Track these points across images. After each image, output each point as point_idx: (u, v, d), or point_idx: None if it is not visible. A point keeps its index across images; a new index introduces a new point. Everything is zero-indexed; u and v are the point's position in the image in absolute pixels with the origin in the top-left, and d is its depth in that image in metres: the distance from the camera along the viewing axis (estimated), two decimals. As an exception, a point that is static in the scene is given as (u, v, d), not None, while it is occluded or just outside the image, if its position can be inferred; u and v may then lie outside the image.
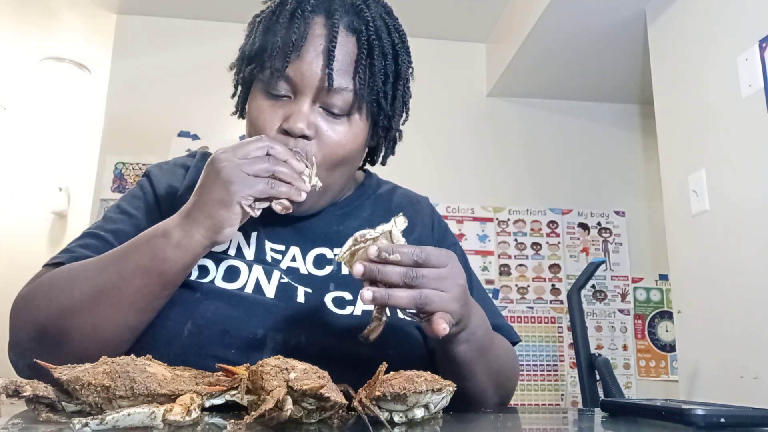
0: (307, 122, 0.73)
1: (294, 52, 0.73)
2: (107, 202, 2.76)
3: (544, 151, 3.11)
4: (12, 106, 3.93)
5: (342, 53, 0.74)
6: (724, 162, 1.80)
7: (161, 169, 0.86)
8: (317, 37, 0.74)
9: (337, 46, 0.73)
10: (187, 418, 0.44)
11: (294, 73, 0.73)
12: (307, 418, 0.48)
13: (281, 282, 0.75)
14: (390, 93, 0.79)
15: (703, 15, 1.96)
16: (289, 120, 0.73)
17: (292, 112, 0.73)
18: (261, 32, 0.77)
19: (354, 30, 0.75)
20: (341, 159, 0.76)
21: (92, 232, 0.78)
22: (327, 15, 0.75)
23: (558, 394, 2.83)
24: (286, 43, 0.73)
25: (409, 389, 0.48)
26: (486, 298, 0.89)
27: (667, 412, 0.55)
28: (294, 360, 0.52)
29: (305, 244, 0.81)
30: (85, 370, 0.48)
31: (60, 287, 0.68)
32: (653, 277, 3.01)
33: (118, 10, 2.98)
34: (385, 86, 0.78)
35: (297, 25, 0.74)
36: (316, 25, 0.74)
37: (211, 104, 2.82)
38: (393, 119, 0.82)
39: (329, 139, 0.75)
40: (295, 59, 0.73)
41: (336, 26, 0.74)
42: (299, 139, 0.73)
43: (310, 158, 0.73)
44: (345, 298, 0.77)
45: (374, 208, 0.88)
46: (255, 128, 0.76)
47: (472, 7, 2.91)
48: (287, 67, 0.73)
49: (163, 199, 0.81)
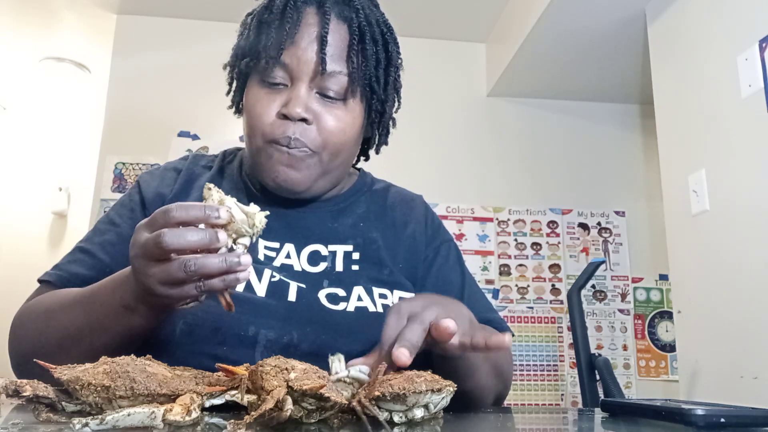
0: (305, 106, 0.75)
1: (288, 39, 0.75)
2: (107, 202, 2.76)
3: (544, 151, 3.11)
4: (12, 106, 3.93)
5: (334, 39, 0.77)
6: (724, 162, 1.80)
7: (152, 175, 0.88)
8: (310, 25, 0.77)
9: (329, 33, 0.76)
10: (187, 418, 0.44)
11: (290, 59, 0.76)
12: (307, 418, 0.48)
13: (272, 281, 0.76)
14: (382, 78, 0.82)
15: (703, 15, 1.96)
16: (288, 105, 0.75)
17: (290, 97, 0.75)
18: (255, 26, 0.79)
19: (345, 18, 0.78)
20: (341, 143, 0.78)
21: (81, 246, 0.81)
22: (318, 5, 0.78)
23: (558, 394, 2.83)
24: (280, 32, 0.76)
25: (409, 389, 0.48)
26: (477, 293, 0.90)
27: (667, 412, 0.55)
28: (294, 360, 0.52)
29: (299, 240, 0.81)
30: (85, 370, 0.48)
31: (36, 325, 0.70)
32: (653, 277, 3.01)
33: (118, 10, 2.98)
34: (377, 71, 0.81)
35: (290, 16, 0.76)
36: (309, 15, 0.77)
37: (211, 104, 2.82)
38: (386, 104, 0.84)
39: (327, 123, 0.76)
40: (290, 46, 0.75)
41: (327, 15, 0.77)
42: (298, 123, 0.75)
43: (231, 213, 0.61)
44: (338, 294, 0.78)
45: (369, 205, 0.89)
46: (252, 117, 0.78)
47: (472, 7, 2.91)
48: (282, 54, 0.75)
49: (150, 204, 0.82)
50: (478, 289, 0.91)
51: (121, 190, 2.78)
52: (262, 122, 0.77)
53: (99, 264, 0.78)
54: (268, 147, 0.77)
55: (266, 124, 0.76)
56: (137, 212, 0.82)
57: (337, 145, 0.78)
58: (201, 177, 0.86)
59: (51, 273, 0.78)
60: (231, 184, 0.86)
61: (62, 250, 3.82)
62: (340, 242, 0.82)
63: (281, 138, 0.75)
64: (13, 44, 3.30)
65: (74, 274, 0.77)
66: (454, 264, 0.90)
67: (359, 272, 0.80)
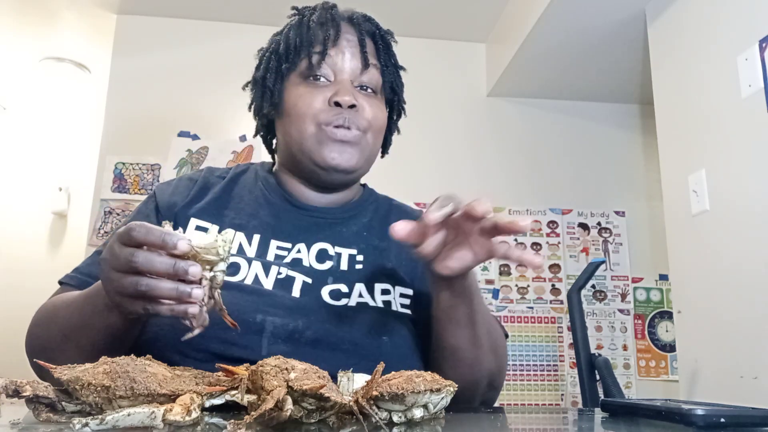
0: (353, 95, 0.86)
1: (332, 41, 0.88)
2: (107, 202, 2.76)
3: (544, 151, 3.11)
4: (12, 106, 3.93)
5: (368, 44, 0.91)
6: (724, 162, 1.80)
7: (167, 185, 0.94)
8: (347, 33, 0.90)
9: (364, 38, 0.90)
10: (187, 418, 0.44)
11: (336, 56, 0.88)
12: (307, 418, 0.48)
13: (278, 277, 0.81)
14: (398, 84, 0.96)
15: (703, 15, 1.96)
16: (339, 93, 0.85)
17: (338, 89, 0.86)
18: (294, 35, 0.90)
19: (369, 32, 0.92)
20: (379, 127, 0.90)
21: (99, 250, 0.84)
22: (350, 21, 0.92)
23: (558, 394, 2.83)
24: (324, 35, 0.88)
25: (408, 389, 0.48)
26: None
27: (667, 412, 0.55)
28: (294, 360, 0.52)
29: (309, 239, 0.87)
30: (85, 370, 0.48)
31: (44, 324, 0.77)
32: (653, 277, 3.01)
33: (118, 10, 2.98)
34: (396, 77, 0.95)
35: (328, 26, 0.89)
36: (344, 25, 0.91)
37: (211, 104, 2.82)
38: (400, 105, 0.98)
39: (370, 111, 0.88)
40: (334, 46, 0.88)
41: (360, 27, 0.91)
42: (347, 109, 0.85)
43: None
44: (341, 290, 0.83)
45: (373, 215, 0.96)
46: (302, 106, 0.86)
47: (472, 7, 2.91)
48: (327, 53, 0.87)
49: (164, 212, 0.88)
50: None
51: (121, 190, 2.78)
52: (313, 108, 0.85)
53: None
54: (321, 132, 0.85)
55: (318, 109, 0.85)
56: (152, 219, 0.87)
57: (377, 129, 0.89)
58: (215, 186, 0.92)
59: (69, 275, 0.84)
60: (246, 192, 0.92)
61: (62, 250, 3.83)
62: (346, 246, 0.88)
63: (336, 120, 0.84)
64: (13, 44, 3.30)
65: (94, 276, 0.80)
66: None
67: (362, 271, 0.86)
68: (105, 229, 2.71)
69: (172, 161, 2.73)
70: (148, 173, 2.81)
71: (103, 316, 0.66)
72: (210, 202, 0.88)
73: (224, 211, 0.88)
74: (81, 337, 0.70)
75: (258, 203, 0.90)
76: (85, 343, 0.69)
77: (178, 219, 0.85)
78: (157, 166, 2.81)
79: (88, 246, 2.69)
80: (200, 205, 0.88)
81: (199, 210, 0.87)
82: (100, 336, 0.68)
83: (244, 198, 0.90)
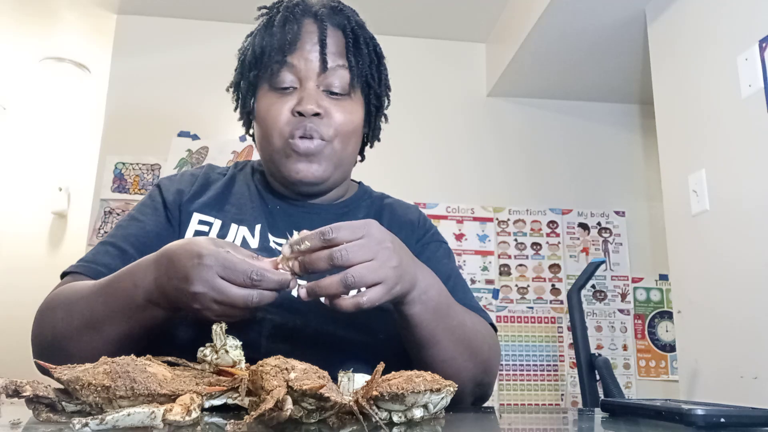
0: (317, 102, 0.83)
1: (293, 45, 0.84)
2: (107, 202, 2.76)
3: (544, 151, 3.11)
4: (12, 106, 3.93)
5: (333, 41, 0.86)
6: (724, 162, 1.80)
7: (170, 179, 0.94)
8: (310, 33, 0.86)
9: (327, 37, 0.86)
10: (187, 418, 0.44)
11: (296, 61, 0.84)
12: (307, 418, 0.48)
13: None
14: (376, 75, 0.91)
15: (703, 15, 1.96)
16: (302, 102, 0.83)
17: (302, 96, 0.83)
18: (259, 41, 0.87)
19: (338, 25, 0.88)
20: (349, 132, 0.86)
21: (105, 241, 0.85)
22: (314, 17, 0.87)
23: (558, 394, 2.83)
24: (284, 41, 0.85)
25: (407, 389, 0.48)
26: (462, 288, 0.91)
27: (667, 412, 0.55)
28: (294, 360, 0.52)
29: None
30: (85, 370, 0.48)
31: (61, 312, 0.73)
32: (653, 277, 3.01)
33: (118, 10, 2.98)
34: (371, 69, 0.90)
35: (291, 26, 0.85)
36: (307, 24, 0.86)
37: (211, 104, 2.82)
38: (381, 98, 0.93)
39: (337, 116, 0.85)
40: (295, 51, 0.84)
41: (324, 22, 0.86)
42: (312, 118, 0.83)
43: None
44: None
45: (366, 213, 0.95)
46: (268, 119, 0.84)
47: (472, 7, 2.91)
48: (289, 58, 0.84)
49: (171, 203, 0.89)
50: (462, 281, 0.93)
51: (121, 190, 2.78)
52: (279, 122, 0.83)
53: (124, 255, 0.81)
54: (286, 146, 0.84)
55: (283, 122, 0.83)
56: (160, 210, 0.88)
57: (346, 134, 0.86)
58: (216, 182, 0.93)
59: (77, 265, 0.81)
60: (244, 188, 0.93)
61: (62, 250, 3.83)
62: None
63: (299, 131, 0.82)
64: (13, 44, 3.30)
65: (104, 264, 0.80)
66: (442, 258, 0.93)
67: None
68: (105, 229, 2.71)
69: (172, 161, 2.73)
70: (148, 173, 2.81)
71: (143, 310, 0.66)
72: (212, 197, 0.89)
73: (225, 206, 0.89)
74: (108, 330, 0.69)
75: (254, 199, 0.91)
76: (111, 332, 0.69)
77: (182, 213, 0.87)
78: (157, 166, 2.81)
79: (88, 246, 2.69)
80: (202, 200, 0.89)
81: (201, 205, 0.88)
82: (133, 328, 0.68)
83: (244, 194, 0.92)
